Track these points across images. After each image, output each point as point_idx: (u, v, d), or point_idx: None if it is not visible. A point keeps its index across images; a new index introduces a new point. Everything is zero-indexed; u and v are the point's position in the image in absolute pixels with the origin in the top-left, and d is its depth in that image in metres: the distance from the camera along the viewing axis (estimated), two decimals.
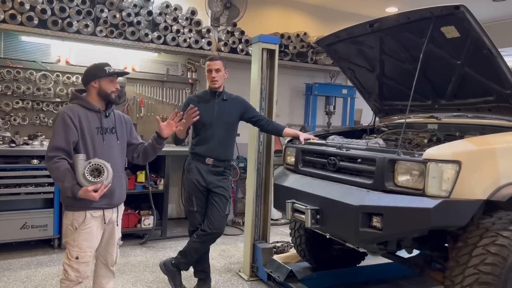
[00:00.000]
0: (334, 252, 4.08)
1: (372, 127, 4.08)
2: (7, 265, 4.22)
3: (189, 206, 3.61)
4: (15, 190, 4.44)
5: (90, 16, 5.08)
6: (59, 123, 2.53)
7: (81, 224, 2.58)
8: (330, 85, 7.22)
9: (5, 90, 5.05)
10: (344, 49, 3.75)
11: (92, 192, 2.46)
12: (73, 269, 2.59)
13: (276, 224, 6.03)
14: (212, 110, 3.54)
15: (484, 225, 2.55)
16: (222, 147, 3.54)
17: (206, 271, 3.70)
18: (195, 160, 3.57)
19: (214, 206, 3.53)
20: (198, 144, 3.56)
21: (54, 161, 2.48)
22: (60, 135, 2.51)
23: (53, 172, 2.51)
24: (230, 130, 3.60)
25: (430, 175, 2.51)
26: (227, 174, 3.63)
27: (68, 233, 2.61)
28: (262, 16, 6.84)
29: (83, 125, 2.58)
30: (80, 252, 2.59)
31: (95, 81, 2.66)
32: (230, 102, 3.61)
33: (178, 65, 6.15)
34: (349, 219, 2.76)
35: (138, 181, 5.12)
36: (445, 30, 2.82)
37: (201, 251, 3.60)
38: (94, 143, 2.61)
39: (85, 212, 2.58)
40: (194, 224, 3.61)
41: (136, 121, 5.83)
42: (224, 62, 3.57)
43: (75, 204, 2.56)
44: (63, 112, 2.56)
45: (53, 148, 2.51)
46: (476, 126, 3.25)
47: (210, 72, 3.51)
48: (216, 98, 3.57)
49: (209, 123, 3.51)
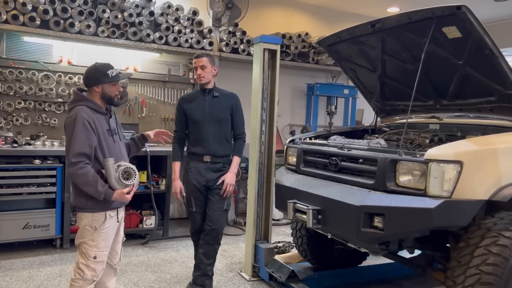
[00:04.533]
0: (335, 252, 4.08)
1: (373, 127, 4.08)
2: (9, 264, 4.23)
3: (188, 206, 3.60)
4: (17, 190, 4.45)
5: (92, 17, 5.09)
6: (79, 127, 2.50)
7: (101, 224, 2.61)
8: (331, 85, 7.22)
9: (7, 90, 5.07)
10: (345, 49, 3.75)
11: (126, 194, 2.53)
12: (90, 269, 2.61)
13: (277, 224, 6.03)
14: (203, 107, 3.53)
15: (486, 226, 2.55)
16: (217, 143, 3.52)
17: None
18: (194, 160, 3.57)
19: (211, 202, 3.52)
20: (194, 143, 3.57)
21: (80, 166, 2.48)
22: (83, 140, 2.50)
23: (81, 177, 2.49)
24: (223, 125, 3.56)
25: (432, 175, 2.52)
26: (226, 170, 3.58)
27: (86, 234, 2.62)
28: (264, 16, 6.84)
29: (97, 127, 2.58)
30: (98, 251, 2.62)
31: (98, 86, 2.66)
32: (221, 98, 3.58)
33: (179, 65, 6.15)
34: (351, 219, 2.76)
35: (140, 181, 5.11)
36: (446, 30, 2.83)
37: (212, 253, 3.55)
38: (109, 145, 2.63)
39: (105, 213, 2.62)
40: (195, 225, 3.61)
41: (138, 121, 5.84)
42: (210, 59, 3.55)
43: (94, 206, 2.58)
44: (80, 116, 2.52)
45: (77, 153, 2.49)
46: (477, 126, 3.25)
47: (196, 69, 3.53)
48: (207, 95, 3.57)
49: (201, 120, 3.51)
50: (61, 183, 4.59)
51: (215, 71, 3.60)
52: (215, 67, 3.61)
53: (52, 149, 4.81)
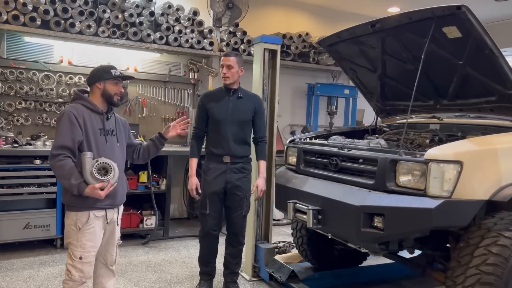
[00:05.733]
0: (336, 252, 4.08)
1: (374, 127, 4.08)
2: (10, 265, 4.23)
3: (202, 208, 3.51)
4: (18, 190, 4.45)
5: (92, 17, 5.10)
6: (64, 121, 2.53)
7: (84, 224, 2.58)
8: (332, 85, 7.22)
9: (8, 91, 5.07)
10: (346, 49, 3.75)
11: (99, 190, 2.48)
12: (77, 270, 2.59)
13: (278, 224, 6.03)
14: (226, 107, 3.46)
15: (486, 226, 2.55)
16: (237, 144, 3.46)
17: (211, 274, 3.69)
18: (213, 160, 3.50)
19: (231, 209, 3.51)
20: (213, 143, 3.50)
21: (59, 159, 2.48)
22: (66, 133, 2.51)
23: (58, 169, 2.50)
24: (244, 127, 3.51)
25: (432, 175, 2.51)
26: (247, 172, 3.53)
27: (71, 234, 2.61)
28: (264, 16, 6.84)
29: (87, 125, 2.58)
30: (83, 252, 2.59)
31: (100, 83, 2.68)
32: (245, 100, 3.53)
33: (180, 66, 6.16)
34: (351, 219, 2.76)
35: (140, 181, 5.12)
36: (446, 30, 2.82)
37: (237, 254, 3.67)
38: (98, 143, 2.62)
39: (89, 212, 2.59)
40: (205, 227, 3.54)
41: (139, 122, 5.84)
42: (239, 59, 3.48)
43: (78, 204, 2.56)
44: (68, 111, 2.55)
45: (58, 146, 2.50)
46: (478, 126, 3.24)
47: (223, 67, 3.46)
48: (231, 95, 3.50)
49: (223, 120, 3.45)
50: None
51: (241, 72, 3.51)
52: (242, 68, 3.52)
53: None
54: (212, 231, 3.53)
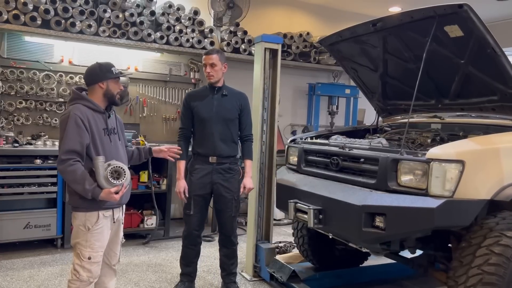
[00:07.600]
0: (337, 252, 4.07)
1: (375, 127, 4.07)
2: (10, 264, 4.23)
3: (186, 209, 3.52)
4: (18, 190, 4.45)
5: (93, 16, 5.09)
6: (71, 125, 2.49)
7: (94, 224, 2.58)
8: (333, 85, 7.21)
9: (8, 90, 5.07)
10: (347, 48, 3.74)
11: (114, 194, 2.50)
12: (85, 270, 2.59)
13: (278, 224, 6.02)
14: (211, 105, 3.44)
15: (488, 225, 2.54)
16: (223, 143, 3.43)
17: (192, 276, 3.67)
18: (199, 161, 3.49)
19: (220, 211, 3.51)
20: (199, 143, 3.49)
21: (70, 163, 2.46)
22: (74, 137, 2.48)
23: (69, 175, 2.48)
24: (230, 126, 3.47)
25: (433, 174, 2.50)
26: (234, 172, 3.51)
27: (80, 234, 2.60)
28: (265, 16, 6.83)
29: (92, 126, 2.56)
30: (92, 252, 2.59)
31: (103, 82, 2.64)
32: (230, 97, 3.49)
33: (180, 65, 6.15)
34: (352, 219, 2.75)
35: (141, 181, 5.12)
36: (448, 29, 2.81)
37: (232, 254, 3.65)
38: (103, 144, 2.60)
39: (98, 212, 2.59)
40: (188, 228, 3.55)
41: (139, 121, 5.84)
42: (221, 56, 3.43)
43: (87, 205, 2.56)
44: (73, 113, 2.51)
45: (67, 151, 2.47)
46: (479, 126, 3.23)
47: (205, 66, 3.42)
48: (215, 93, 3.48)
49: (207, 119, 3.42)
50: (62, 183, 4.58)
51: (225, 68, 3.48)
52: (225, 64, 3.48)
53: (53, 149, 4.79)
54: (195, 231, 3.55)
